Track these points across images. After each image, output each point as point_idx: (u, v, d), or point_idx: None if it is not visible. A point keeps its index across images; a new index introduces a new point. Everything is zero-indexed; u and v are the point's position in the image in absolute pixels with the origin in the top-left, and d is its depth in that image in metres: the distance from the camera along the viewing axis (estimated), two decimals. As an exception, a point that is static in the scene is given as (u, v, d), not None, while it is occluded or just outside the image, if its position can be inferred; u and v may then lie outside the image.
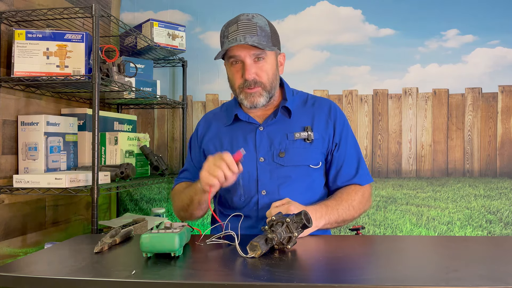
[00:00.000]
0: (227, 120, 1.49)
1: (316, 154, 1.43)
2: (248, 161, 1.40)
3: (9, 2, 1.70)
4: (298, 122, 1.44)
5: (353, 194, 1.40)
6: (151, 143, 2.45)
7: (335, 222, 1.34)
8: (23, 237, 1.77)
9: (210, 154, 1.47)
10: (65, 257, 1.10)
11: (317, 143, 1.43)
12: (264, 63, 1.37)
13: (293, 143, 1.41)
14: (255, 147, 1.42)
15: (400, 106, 2.34)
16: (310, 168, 1.42)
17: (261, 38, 1.34)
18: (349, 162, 1.45)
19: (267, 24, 1.39)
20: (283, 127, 1.43)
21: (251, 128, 1.45)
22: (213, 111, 1.61)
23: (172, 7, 2.46)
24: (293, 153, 1.40)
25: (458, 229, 2.26)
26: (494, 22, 2.27)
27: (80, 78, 1.63)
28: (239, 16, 1.39)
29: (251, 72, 1.35)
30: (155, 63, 2.37)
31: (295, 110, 1.46)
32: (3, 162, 1.68)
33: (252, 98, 1.38)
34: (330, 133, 1.45)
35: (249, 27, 1.35)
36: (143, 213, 2.45)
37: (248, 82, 1.36)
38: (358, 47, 2.36)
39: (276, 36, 1.43)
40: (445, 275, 0.90)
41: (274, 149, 1.41)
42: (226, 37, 1.37)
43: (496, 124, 2.28)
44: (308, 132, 1.41)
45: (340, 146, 1.45)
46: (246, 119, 1.45)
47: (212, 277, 0.92)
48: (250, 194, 1.41)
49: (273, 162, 1.40)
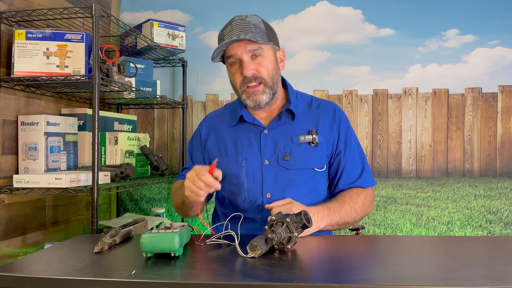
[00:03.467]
0: (232, 120, 1.49)
1: (321, 158, 1.43)
2: (253, 164, 1.40)
3: (9, 2, 1.70)
4: (303, 125, 1.44)
5: (355, 196, 1.40)
6: (151, 143, 2.45)
7: (336, 224, 1.34)
8: (23, 237, 1.77)
9: (214, 154, 1.47)
10: (65, 257, 1.10)
11: (322, 147, 1.43)
12: (262, 59, 1.37)
13: (298, 146, 1.41)
14: (260, 150, 1.42)
15: (400, 106, 2.34)
16: (315, 172, 1.42)
17: (255, 34, 1.34)
18: (353, 165, 1.45)
19: (261, 22, 1.39)
20: (288, 130, 1.43)
21: (256, 131, 1.45)
22: (216, 112, 1.61)
23: (172, 7, 2.46)
24: (298, 156, 1.40)
25: (458, 229, 2.26)
26: (494, 22, 2.27)
27: (80, 78, 1.63)
28: (232, 18, 1.39)
29: (249, 68, 1.35)
30: (155, 63, 2.37)
31: (299, 113, 1.46)
32: (3, 162, 1.68)
33: (255, 96, 1.38)
34: (335, 137, 1.45)
35: (243, 26, 1.35)
36: (143, 213, 2.45)
37: (247, 79, 1.36)
38: (358, 47, 2.36)
39: (271, 32, 1.42)
40: (445, 275, 0.90)
41: (279, 152, 1.41)
42: (222, 39, 1.37)
43: (496, 124, 2.28)
44: (313, 136, 1.41)
45: (346, 150, 1.45)
46: (251, 121, 1.45)
47: (212, 277, 0.92)
48: (254, 197, 1.40)
49: (278, 165, 1.40)
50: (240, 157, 1.42)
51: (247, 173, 1.41)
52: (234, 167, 1.42)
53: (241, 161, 1.42)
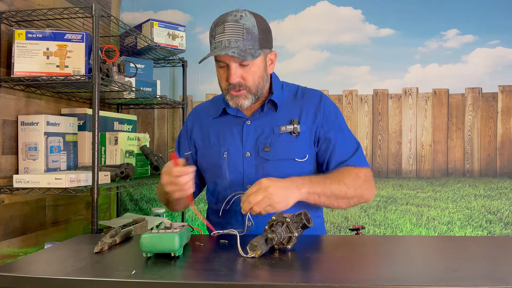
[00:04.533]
0: (215, 112, 1.49)
1: (302, 147, 1.41)
2: (235, 155, 1.40)
3: (9, 2, 1.70)
4: (286, 116, 1.42)
5: (345, 172, 1.35)
6: (151, 143, 2.45)
7: (322, 194, 1.29)
8: (23, 237, 1.77)
9: (198, 145, 1.48)
10: (65, 257, 1.10)
11: (304, 136, 1.40)
12: (251, 66, 1.35)
13: (278, 136, 1.40)
14: (242, 141, 1.42)
15: (400, 106, 2.34)
16: (296, 162, 1.40)
17: (246, 42, 1.31)
18: (343, 147, 1.41)
19: (255, 25, 1.33)
20: (270, 121, 1.42)
21: (239, 122, 1.44)
22: (203, 104, 1.61)
23: (172, 7, 2.46)
24: (278, 147, 1.39)
25: (458, 229, 2.26)
26: (494, 22, 2.27)
27: (80, 78, 1.63)
28: (227, 15, 1.34)
29: (235, 77, 1.34)
30: (155, 63, 2.37)
31: (282, 104, 1.44)
32: (3, 162, 1.68)
33: (237, 100, 1.37)
34: (319, 124, 1.41)
35: (235, 31, 1.31)
36: (143, 213, 2.45)
37: (232, 85, 1.36)
38: (358, 47, 2.36)
39: (265, 36, 1.37)
40: (445, 275, 0.90)
41: (260, 143, 1.40)
42: (213, 37, 1.35)
43: (496, 124, 2.28)
44: (294, 125, 1.40)
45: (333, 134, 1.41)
46: (234, 113, 1.45)
47: (212, 277, 0.92)
48: (236, 189, 1.39)
49: (259, 157, 1.39)
50: (222, 149, 1.43)
51: (229, 165, 1.41)
52: (217, 158, 1.43)
53: (223, 153, 1.42)
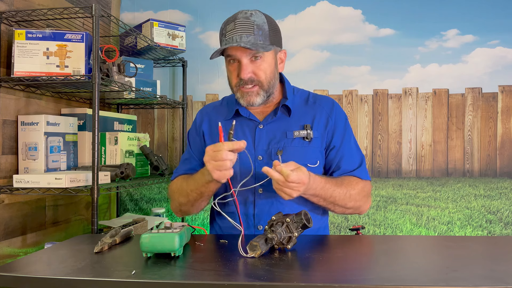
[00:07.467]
0: (228, 114, 1.48)
1: (315, 153, 1.42)
2: (246, 159, 1.40)
3: (9, 2, 1.70)
4: (299, 121, 1.44)
5: (354, 183, 1.39)
6: (151, 143, 2.45)
7: (323, 199, 1.33)
8: (23, 237, 1.77)
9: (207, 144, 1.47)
10: (65, 257, 1.10)
11: (316, 142, 1.42)
12: (262, 62, 1.36)
13: (291, 141, 1.41)
14: (254, 145, 1.42)
15: (400, 106, 2.34)
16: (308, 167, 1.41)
17: (257, 37, 1.33)
18: (350, 159, 1.44)
19: (265, 22, 1.36)
20: (283, 126, 1.43)
21: (251, 125, 1.45)
22: (213, 104, 1.60)
23: (172, 7, 2.46)
24: (291, 151, 1.40)
25: (458, 229, 2.26)
26: (494, 22, 2.27)
27: (80, 78, 1.63)
28: (237, 13, 1.37)
29: (246, 72, 1.35)
30: (155, 63, 2.37)
31: (295, 109, 1.45)
32: (3, 162, 1.68)
33: (248, 97, 1.38)
34: (330, 131, 1.44)
35: (246, 26, 1.34)
36: (143, 213, 2.45)
37: (243, 81, 1.36)
38: (358, 47, 2.36)
39: (275, 34, 1.40)
40: (445, 275, 0.90)
41: (272, 147, 1.41)
42: (224, 35, 1.37)
43: (496, 124, 2.28)
44: (307, 131, 1.41)
45: (342, 144, 1.44)
46: (247, 116, 1.45)
47: (212, 277, 0.92)
48: (246, 192, 1.40)
49: (271, 161, 1.40)
50: None
51: (240, 168, 1.41)
52: None
53: None
